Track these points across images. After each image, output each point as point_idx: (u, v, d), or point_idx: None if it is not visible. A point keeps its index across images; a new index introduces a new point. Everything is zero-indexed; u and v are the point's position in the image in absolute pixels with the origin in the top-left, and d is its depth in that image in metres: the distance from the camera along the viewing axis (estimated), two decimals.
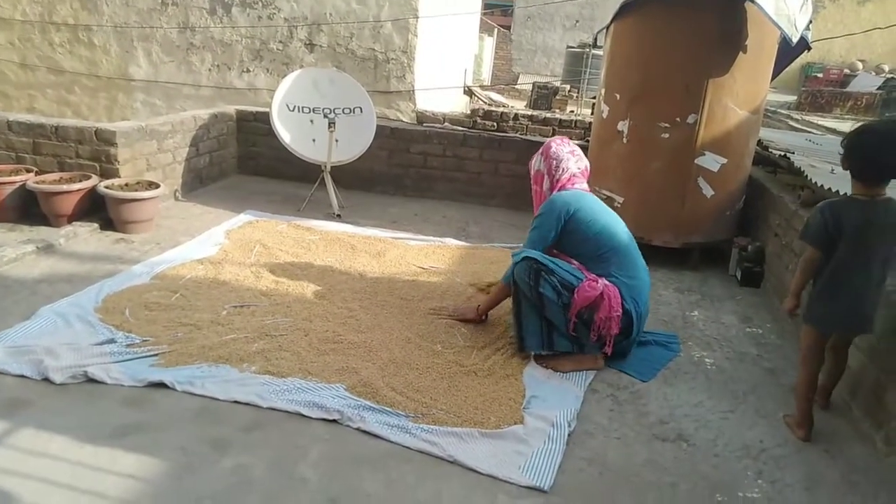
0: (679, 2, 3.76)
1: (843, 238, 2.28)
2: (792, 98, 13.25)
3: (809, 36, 4.08)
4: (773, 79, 4.25)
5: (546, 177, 2.98)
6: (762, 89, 4.11)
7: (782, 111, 10.30)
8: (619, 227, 2.90)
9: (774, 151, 4.66)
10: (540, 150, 3.06)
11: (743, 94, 3.92)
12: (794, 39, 3.75)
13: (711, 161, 3.96)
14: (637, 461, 2.25)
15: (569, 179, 2.93)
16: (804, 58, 5.10)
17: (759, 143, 4.77)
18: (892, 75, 14.45)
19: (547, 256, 2.76)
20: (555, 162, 2.97)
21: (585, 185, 3.00)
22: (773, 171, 4.81)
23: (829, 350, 2.52)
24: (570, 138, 5.83)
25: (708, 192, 4.01)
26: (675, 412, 2.56)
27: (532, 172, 3.08)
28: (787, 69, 4.73)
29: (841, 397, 2.72)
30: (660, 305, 3.60)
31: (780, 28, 3.65)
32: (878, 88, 12.70)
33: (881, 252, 2.30)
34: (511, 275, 2.83)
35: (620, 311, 2.69)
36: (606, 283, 2.70)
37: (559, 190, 2.93)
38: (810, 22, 3.99)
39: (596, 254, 2.80)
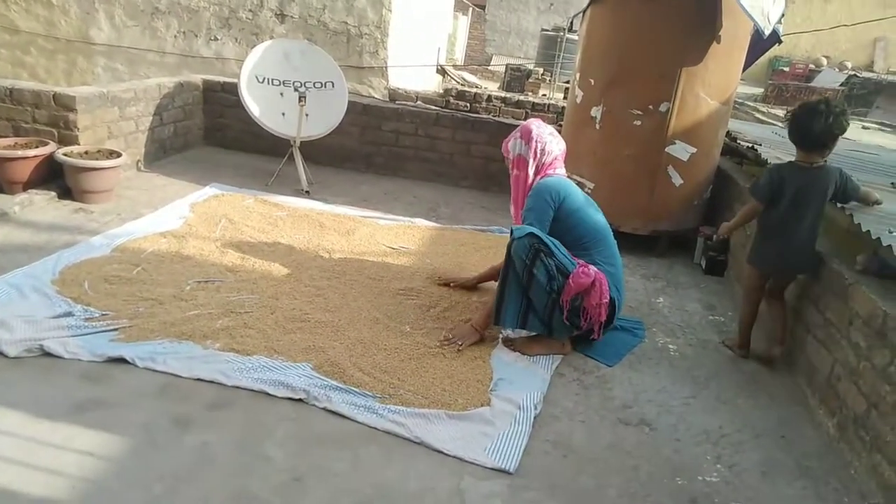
0: None
1: (784, 196, 2.78)
2: (759, 91, 13.51)
3: (781, 29, 4.15)
4: (744, 70, 4.31)
5: (531, 161, 2.90)
6: (733, 80, 4.16)
7: (749, 103, 10.49)
8: (599, 216, 2.94)
9: (742, 143, 4.74)
10: (518, 133, 2.96)
11: (715, 85, 3.96)
12: (767, 32, 3.79)
13: (682, 150, 4.01)
14: (601, 444, 2.29)
15: (551, 164, 2.92)
16: (772, 51, 5.18)
17: (728, 134, 4.84)
18: (854, 72, 14.82)
19: (548, 237, 2.70)
20: (539, 145, 2.90)
21: (563, 170, 3.00)
22: (739, 162, 4.90)
23: (768, 298, 3.00)
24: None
25: (677, 180, 4.06)
26: (639, 397, 2.61)
27: (512, 156, 2.98)
28: (756, 62, 4.79)
29: (799, 387, 2.80)
30: (626, 291, 3.62)
31: (753, 20, 3.69)
32: (841, 85, 13.03)
33: (812, 209, 2.77)
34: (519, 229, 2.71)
35: (608, 297, 2.73)
36: (595, 269, 2.73)
37: (544, 175, 2.89)
38: (782, 15, 4.04)
39: (580, 242, 2.80)
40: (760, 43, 4.18)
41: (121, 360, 2.37)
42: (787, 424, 2.53)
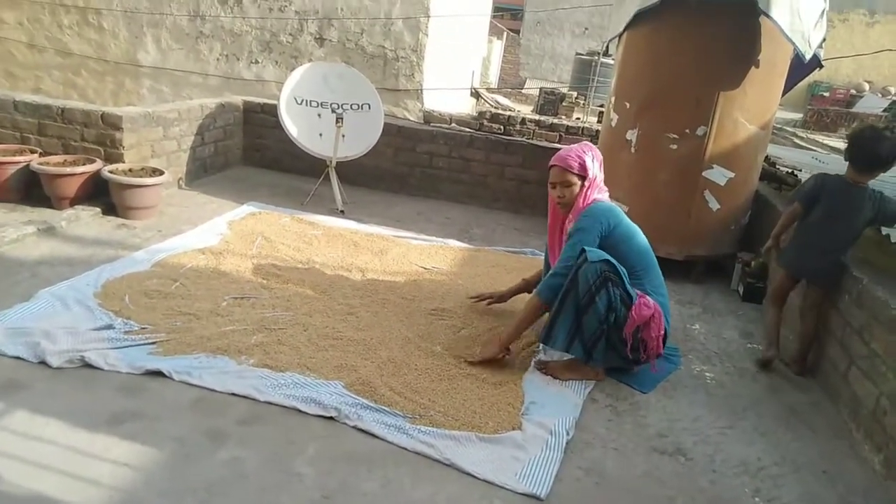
0: (693, 13, 3.75)
1: (819, 203, 2.96)
2: (798, 116, 13.29)
3: (822, 54, 4.08)
4: (783, 95, 4.25)
5: (598, 186, 2.85)
6: (772, 105, 4.10)
7: (788, 128, 10.32)
8: (647, 245, 2.87)
9: (781, 168, 4.66)
10: (592, 153, 2.85)
11: (753, 109, 3.91)
12: (808, 56, 3.74)
13: (719, 174, 3.95)
14: (635, 473, 2.24)
15: (599, 186, 2.88)
16: (812, 76, 5.09)
17: (767, 158, 4.77)
18: None
19: (620, 266, 2.63)
20: (600, 168, 2.87)
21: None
22: (778, 187, 4.80)
23: (800, 314, 3.11)
24: None
25: (714, 205, 4.00)
26: (674, 425, 2.55)
27: (590, 175, 2.81)
28: (795, 87, 4.72)
29: (842, 419, 2.71)
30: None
31: (793, 44, 3.65)
32: (884, 110, 12.72)
33: (844, 223, 2.92)
34: (550, 285, 2.69)
35: (664, 329, 2.70)
36: (654, 301, 2.69)
37: (596, 199, 2.83)
38: (823, 40, 3.99)
39: (633, 271, 2.72)
40: (801, 67, 4.13)
41: (158, 373, 2.41)
42: (828, 459, 2.44)
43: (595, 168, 2.83)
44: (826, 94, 15.92)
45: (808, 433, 2.60)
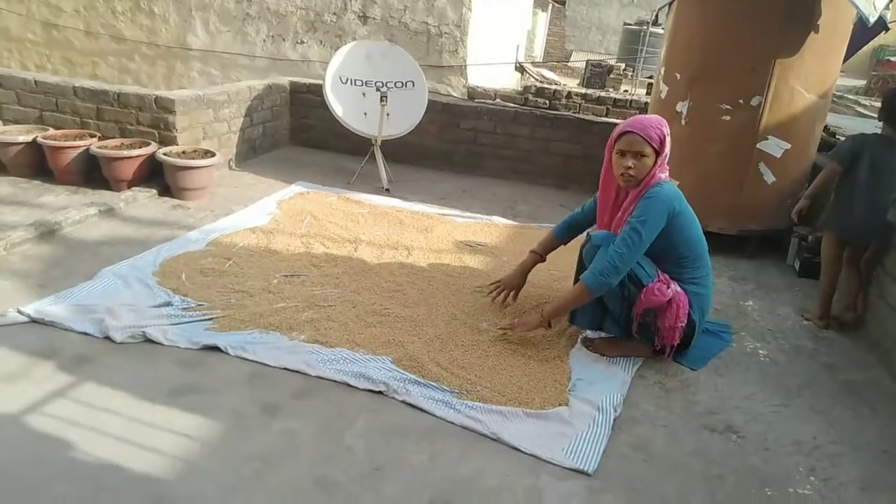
0: None
1: (862, 163, 2.98)
2: (861, 83, 12.64)
3: (888, 16, 3.86)
4: (844, 61, 4.04)
5: (666, 162, 2.61)
6: (833, 72, 3.91)
7: (850, 96, 9.84)
8: (700, 232, 2.68)
9: (841, 138, 4.45)
10: (666, 128, 2.59)
11: (812, 77, 3.74)
12: (872, 20, 3.53)
13: (775, 146, 3.81)
14: (684, 451, 2.21)
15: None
16: (877, 40, 4.83)
17: (826, 129, 4.57)
18: None
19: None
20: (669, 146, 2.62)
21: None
22: None
23: (846, 265, 3.18)
24: (626, 118, 5.72)
25: (769, 178, 3.87)
26: (725, 403, 2.51)
27: (667, 150, 2.57)
28: (858, 52, 4.49)
29: None
30: (713, 294, 3.50)
31: (857, 7, 3.45)
32: None
33: (888, 179, 2.94)
34: (602, 274, 2.50)
35: (685, 321, 2.58)
36: (677, 289, 2.57)
37: (661, 178, 2.59)
38: (891, 1, 3.76)
39: (678, 259, 2.61)
40: (864, 31, 3.92)
41: (214, 348, 2.51)
42: (890, 439, 2.36)
43: (669, 144, 2.61)
44: (893, 59, 15.07)
45: (868, 412, 2.52)
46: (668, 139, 2.57)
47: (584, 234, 2.90)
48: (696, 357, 2.79)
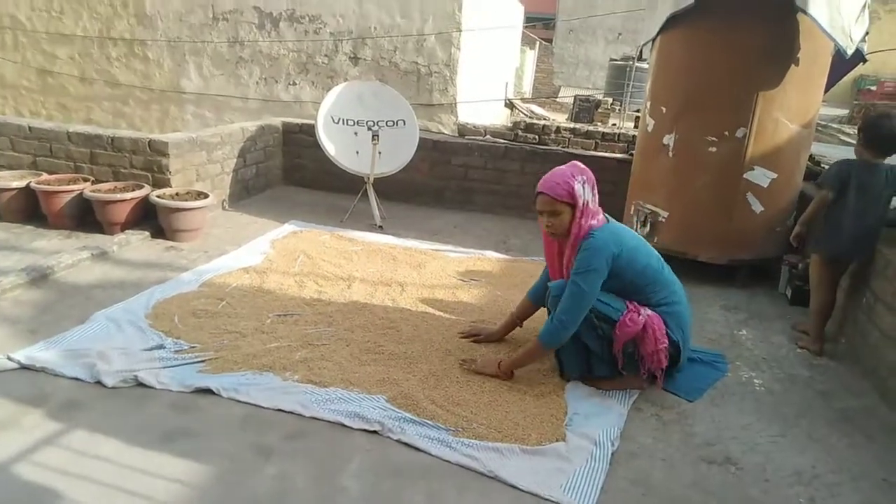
0: (728, 13, 3.69)
1: (850, 187, 3.11)
2: (844, 112, 12.87)
3: (865, 48, 3.96)
4: (825, 91, 4.14)
5: (592, 210, 2.61)
6: (814, 103, 4.00)
7: (833, 125, 10.01)
8: (651, 256, 2.68)
9: (826, 167, 4.52)
10: (582, 177, 2.60)
11: (794, 108, 3.82)
12: (850, 52, 3.65)
13: (761, 176, 3.87)
14: (683, 483, 2.19)
15: (598, 210, 2.67)
16: (857, 70, 4.94)
17: (811, 157, 4.64)
18: None
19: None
20: (595, 191, 2.64)
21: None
22: None
23: (818, 289, 3.29)
24: (613, 151, 5.80)
25: (757, 207, 3.91)
26: (722, 434, 2.49)
27: (581, 202, 2.57)
28: (839, 82, 4.59)
29: None
30: (706, 323, 3.52)
31: (834, 40, 3.56)
32: None
33: (873, 201, 3.11)
34: (553, 331, 2.57)
35: (666, 342, 2.59)
36: (649, 312, 2.58)
37: (593, 220, 2.61)
38: (866, 34, 3.87)
39: (639, 289, 2.62)
40: (843, 63, 4.01)
41: (207, 391, 2.49)
42: (889, 467, 2.35)
43: (586, 192, 2.58)
44: (873, 88, 15.41)
45: (864, 440, 2.51)
46: (583, 188, 2.57)
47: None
48: (692, 388, 2.78)
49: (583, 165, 2.67)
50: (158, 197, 4.13)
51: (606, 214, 2.72)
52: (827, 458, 2.38)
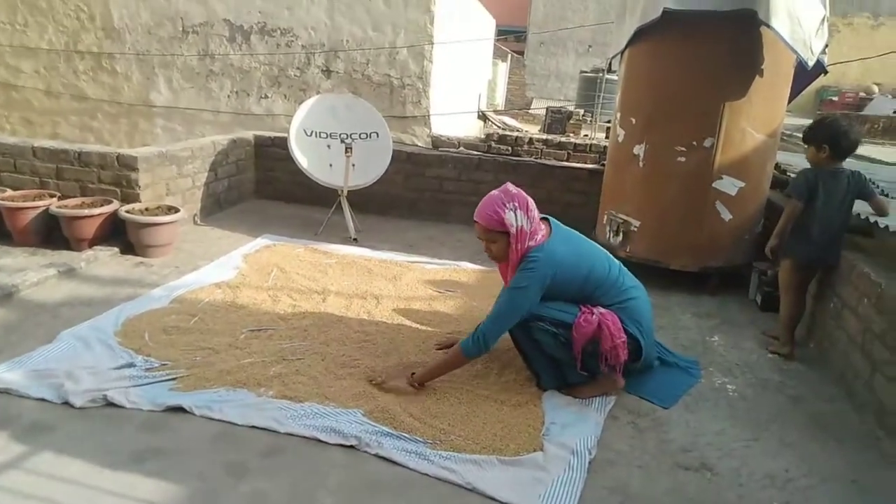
0: (694, 27, 3.77)
1: (818, 195, 3.20)
2: (808, 121, 13.20)
3: (825, 60, 4.08)
4: (789, 102, 4.25)
5: (529, 228, 2.61)
6: (779, 113, 4.10)
7: (798, 134, 10.25)
8: (596, 265, 2.69)
9: (792, 175, 4.63)
10: (514, 203, 2.59)
11: (760, 118, 3.91)
12: (811, 63, 3.75)
13: (729, 185, 3.95)
14: (660, 490, 2.21)
15: (538, 228, 2.66)
16: (819, 81, 5.09)
17: (777, 166, 4.75)
18: None
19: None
20: (532, 209, 2.64)
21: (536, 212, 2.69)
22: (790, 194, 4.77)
23: (787, 294, 3.37)
24: (585, 162, 5.86)
25: (726, 215, 3.99)
26: (697, 440, 2.52)
27: (514, 230, 2.57)
28: (802, 93, 4.72)
29: (869, 428, 2.66)
30: (679, 330, 3.56)
31: (795, 52, 3.66)
32: None
33: (838, 206, 3.21)
34: (475, 341, 2.60)
35: (624, 336, 2.62)
36: (601, 310, 2.62)
37: (532, 239, 2.61)
38: (826, 46, 3.99)
39: (589, 295, 2.66)
40: (805, 74, 4.13)
41: (179, 409, 2.43)
42: (858, 469, 2.39)
43: (518, 219, 2.57)
44: (835, 99, 15.85)
45: (835, 444, 2.55)
46: (514, 215, 2.57)
47: None
48: (667, 395, 2.81)
49: (514, 189, 2.66)
50: (127, 212, 4.06)
51: (553, 220, 2.75)
52: (799, 462, 2.41)
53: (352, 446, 2.30)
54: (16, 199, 4.12)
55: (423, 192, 5.66)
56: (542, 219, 2.74)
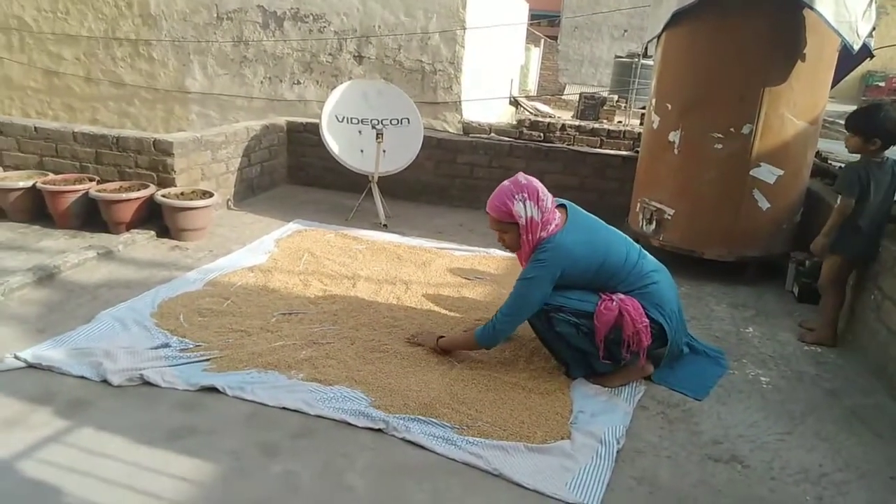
0: (733, 9, 3.67)
1: (870, 190, 3.08)
2: (852, 108, 12.79)
3: (872, 43, 3.93)
4: (832, 87, 4.11)
5: (541, 218, 2.60)
6: (821, 99, 3.97)
7: (841, 121, 9.94)
8: (611, 251, 2.63)
9: (834, 163, 4.50)
10: (523, 194, 2.59)
11: (801, 104, 3.79)
12: (856, 47, 3.62)
13: (767, 173, 3.85)
14: (689, 482, 2.18)
15: (552, 211, 2.64)
16: (865, 66, 4.92)
17: (818, 154, 4.62)
18: None
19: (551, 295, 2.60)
20: (543, 198, 2.61)
21: (551, 199, 2.67)
22: (831, 182, 4.64)
23: (829, 289, 3.30)
24: (619, 149, 5.78)
25: (764, 204, 3.89)
26: (728, 432, 2.48)
27: (523, 221, 2.58)
28: (846, 78, 4.56)
29: None
30: (713, 321, 3.51)
31: (840, 35, 3.53)
32: None
33: (885, 200, 3.12)
34: (488, 331, 2.65)
35: (646, 320, 2.58)
36: (621, 297, 2.58)
37: (545, 229, 2.60)
38: (873, 29, 3.84)
39: (606, 281, 2.62)
40: (850, 58, 3.98)
41: (212, 389, 2.49)
42: None
43: (528, 210, 2.57)
44: (882, 84, 15.32)
45: (872, 438, 2.49)
46: (524, 206, 2.57)
47: None
48: (699, 386, 2.77)
49: (524, 180, 2.65)
50: (163, 196, 4.14)
51: (571, 206, 2.72)
52: (835, 457, 2.36)
53: (380, 430, 2.32)
54: (57, 182, 4.24)
55: (454, 179, 5.64)
56: (560, 206, 2.71)
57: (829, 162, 4.60)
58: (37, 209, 4.25)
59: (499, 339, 2.68)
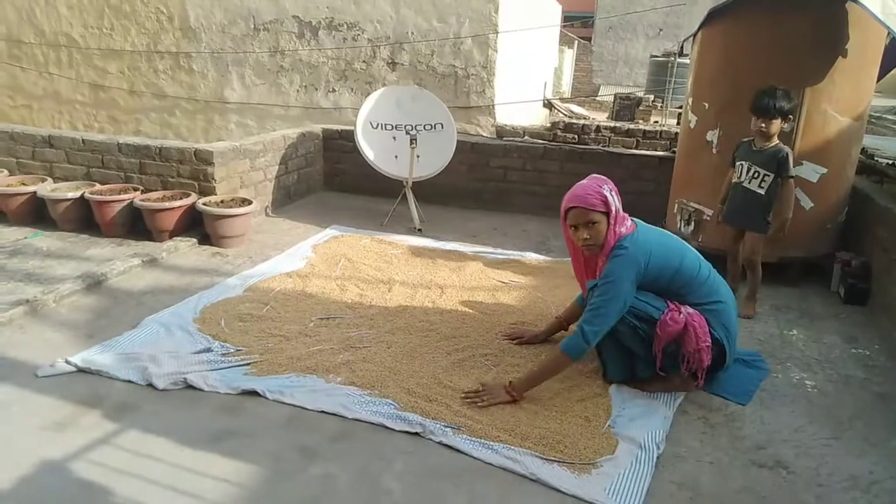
0: (772, 4, 3.59)
1: None
2: None
3: None
4: (878, 81, 3.98)
5: (622, 216, 2.59)
6: (866, 94, 3.85)
7: (889, 116, 9.61)
8: (686, 258, 2.60)
9: (881, 160, 4.35)
10: (605, 185, 2.60)
11: (844, 100, 3.69)
12: None
13: (810, 171, 3.75)
14: (732, 488, 2.14)
15: (625, 216, 2.63)
16: None
17: (863, 151, 4.48)
18: None
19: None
20: (619, 197, 2.62)
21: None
22: (879, 180, 4.49)
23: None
24: (655, 149, 5.70)
25: (807, 203, 3.79)
26: (772, 437, 2.42)
27: (613, 210, 2.56)
28: (893, 72, 4.42)
29: None
30: (755, 323, 3.43)
31: (888, 27, 3.42)
32: None
33: None
34: (577, 341, 2.50)
35: (709, 340, 2.51)
36: (689, 311, 2.51)
37: (622, 226, 2.58)
38: None
39: (677, 290, 2.57)
40: None
41: (253, 393, 2.54)
42: None
43: (614, 200, 2.58)
44: None
45: None
46: (612, 196, 2.57)
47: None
48: (741, 391, 2.71)
49: (603, 176, 2.66)
50: (205, 204, 4.24)
51: (633, 219, 2.68)
52: (886, 463, 2.28)
53: (417, 433, 2.34)
54: (104, 192, 4.39)
55: (488, 183, 5.64)
56: None
57: (876, 158, 4.45)
58: (85, 218, 4.41)
59: (589, 344, 2.49)
